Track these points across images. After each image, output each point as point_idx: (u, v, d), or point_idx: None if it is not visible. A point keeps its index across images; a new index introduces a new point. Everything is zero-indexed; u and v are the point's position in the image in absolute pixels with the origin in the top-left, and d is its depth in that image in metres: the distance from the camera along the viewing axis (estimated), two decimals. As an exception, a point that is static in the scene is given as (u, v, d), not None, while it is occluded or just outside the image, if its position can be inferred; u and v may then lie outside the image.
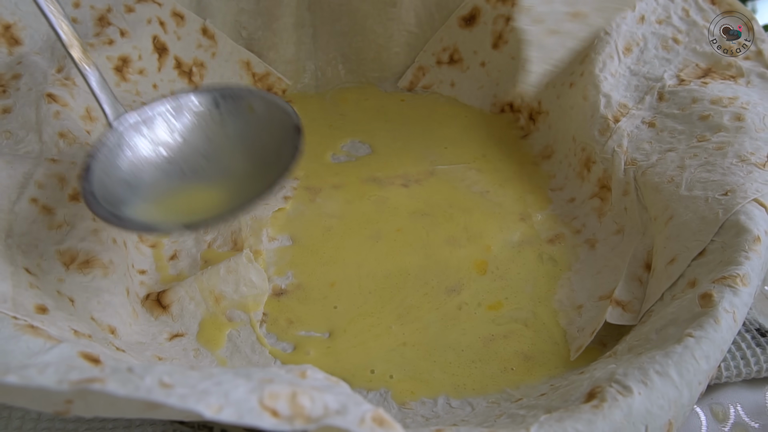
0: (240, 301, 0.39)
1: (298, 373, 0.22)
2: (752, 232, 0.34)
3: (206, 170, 0.38)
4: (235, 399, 0.19)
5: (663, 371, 0.27)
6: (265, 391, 0.19)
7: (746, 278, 0.32)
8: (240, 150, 0.39)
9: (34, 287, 0.30)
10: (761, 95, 0.44)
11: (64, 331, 0.29)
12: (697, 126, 0.43)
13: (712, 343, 0.29)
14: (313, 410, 0.19)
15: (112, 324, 0.34)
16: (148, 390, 0.18)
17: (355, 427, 0.19)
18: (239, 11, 0.56)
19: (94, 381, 0.17)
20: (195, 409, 0.18)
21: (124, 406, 0.21)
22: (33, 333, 0.26)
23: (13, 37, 0.45)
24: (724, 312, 0.30)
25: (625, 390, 0.27)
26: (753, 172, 0.38)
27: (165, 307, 0.38)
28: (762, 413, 0.38)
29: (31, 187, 0.35)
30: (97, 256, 0.36)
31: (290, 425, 0.19)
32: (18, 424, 0.34)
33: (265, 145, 0.39)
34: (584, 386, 0.29)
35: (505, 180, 0.51)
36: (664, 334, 0.32)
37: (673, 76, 0.47)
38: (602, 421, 0.25)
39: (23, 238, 0.33)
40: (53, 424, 0.35)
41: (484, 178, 0.51)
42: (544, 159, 0.53)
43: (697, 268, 0.35)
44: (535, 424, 0.25)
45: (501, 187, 0.51)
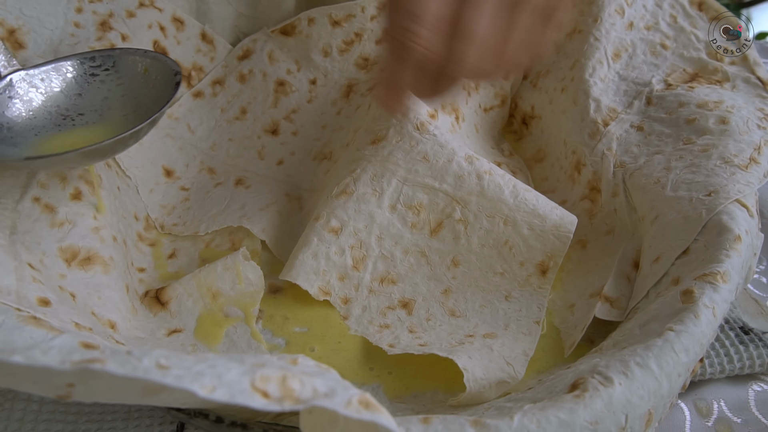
0: (237, 298, 0.40)
1: (290, 361, 0.23)
2: (733, 232, 0.35)
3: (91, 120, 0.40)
4: (228, 381, 0.20)
5: (643, 363, 0.28)
6: (256, 374, 0.20)
7: (726, 275, 0.33)
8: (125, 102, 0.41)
9: (37, 281, 0.31)
10: (746, 99, 0.45)
11: (66, 323, 0.30)
12: (684, 129, 0.44)
13: (692, 337, 0.30)
14: (302, 392, 0.20)
15: (112, 319, 0.35)
16: (146, 370, 0.19)
17: (342, 409, 0.20)
18: (238, 16, 0.57)
19: (94, 361, 0.18)
20: (189, 388, 0.19)
21: (123, 390, 0.22)
22: (36, 324, 0.27)
23: (17, 41, 0.46)
24: (704, 307, 0.31)
25: (607, 381, 0.28)
26: (736, 173, 0.39)
27: (164, 304, 0.39)
28: (745, 409, 0.39)
29: (33, 186, 0.36)
30: (98, 253, 0.37)
31: (280, 406, 0.20)
32: (20, 416, 0.35)
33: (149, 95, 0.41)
34: (568, 378, 0.30)
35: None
36: (647, 329, 0.33)
37: (661, 80, 0.49)
38: (583, 409, 0.26)
39: (26, 235, 0.34)
40: (54, 416, 0.36)
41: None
42: (536, 162, 0.54)
43: (680, 267, 0.36)
44: (519, 413, 0.26)
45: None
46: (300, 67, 0.56)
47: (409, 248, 0.42)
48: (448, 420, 0.26)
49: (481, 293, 0.41)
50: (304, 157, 0.52)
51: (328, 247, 0.41)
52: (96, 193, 0.38)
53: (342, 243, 0.42)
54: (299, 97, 0.55)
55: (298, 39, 0.56)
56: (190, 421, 0.29)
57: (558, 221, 0.42)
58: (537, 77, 0.57)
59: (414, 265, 0.42)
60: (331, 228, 0.42)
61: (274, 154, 0.52)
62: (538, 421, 0.26)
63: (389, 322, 0.40)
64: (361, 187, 0.43)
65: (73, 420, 0.36)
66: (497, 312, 0.40)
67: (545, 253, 0.41)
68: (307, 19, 0.56)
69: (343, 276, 0.41)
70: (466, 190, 0.42)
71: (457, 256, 0.42)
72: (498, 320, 0.40)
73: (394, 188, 0.43)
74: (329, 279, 0.41)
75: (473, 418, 0.26)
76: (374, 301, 0.41)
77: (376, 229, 0.42)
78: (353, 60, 0.56)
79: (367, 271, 0.42)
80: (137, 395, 0.22)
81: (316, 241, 0.41)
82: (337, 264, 0.41)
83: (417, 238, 0.42)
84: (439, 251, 0.42)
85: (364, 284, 0.41)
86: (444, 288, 0.41)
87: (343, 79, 0.55)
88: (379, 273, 0.42)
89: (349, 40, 0.57)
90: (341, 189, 0.43)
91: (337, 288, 0.41)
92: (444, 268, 0.42)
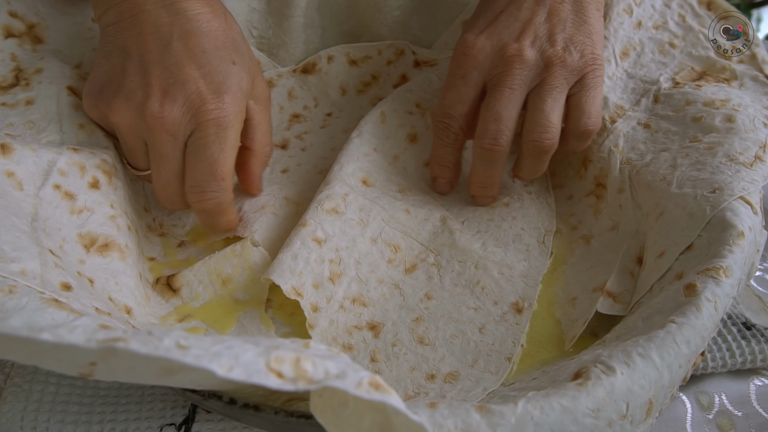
0: (246, 284, 0.41)
1: (302, 344, 0.24)
2: (737, 228, 0.36)
3: None
4: (245, 361, 0.20)
5: (645, 353, 0.29)
6: (271, 356, 0.21)
7: (729, 270, 0.33)
8: None
9: (59, 267, 0.32)
10: (753, 97, 0.46)
11: (87, 307, 0.31)
12: (690, 127, 0.45)
13: (693, 330, 0.30)
14: (315, 374, 0.21)
15: (128, 304, 0.36)
16: (167, 350, 0.20)
17: (353, 389, 0.21)
18: (250, 11, 0.57)
19: (118, 340, 0.19)
20: (209, 367, 0.20)
21: (142, 370, 0.23)
22: (57, 306, 0.28)
23: (36, 35, 0.47)
24: (706, 301, 0.32)
25: (609, 370, 0.28)
26: (741, 171, 0.39)
27: (175, 291, 0.40)
28: (745, 402, 0.39)
29: (54, 174, 0.37)
30: (115, 240, 0.38)
31: (293, 386, 0.21)
32: (38, 397, 0.36)
33: None
34: (572, 368, 0.30)
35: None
36: (650, 322, 0.33)
37: (669, 79, 0.49)
38: (586, 397, 0.27)
39: (48, 221, 0.35)
40: (70, 398, 0.37)
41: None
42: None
43: (684, 262, 0.37)
44: (523, 399, 0.27)
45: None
46: (318, 103, 0.59)
47: (384, 279, 0.42)
48: (454, 405, 0.27)
49: (453, 323, 0.40)
50: (310, 169, 0.53)
51: (308, 253, 0.41)
52: (112, 183, 0.39)
53: (323, 254, 0.42)
54: (313, 124, 0.58)
55: (318, 76, 0.60)
56: (204, 402, 0.29)
57: (525, 271, 0.43)
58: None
59: (387, 294, 0.42)
60: (315, 237, 0.42)
61: (279, 164, 0.53)
62: (541, 408, 0.26)
63: (353, 343, 0.39)
64: (350, 213, 0.44)
65: (89, 402, 0.37)
66: (468, 344, 0.39)
67: (518, 294, 0.42)
68: (327, 56, 0.60)
69: (317, 284, 0.41)
70: (439, 243, 0.45)
71: (430, 291, 0.42)
72: (467, 354, 0.38)
73: (377, 224, 0.45)
74: (304, 282, 0.40)
75: (479, 404, 0.27)
76: (343, 317, 0.40)
77: (356, 253, 0.43)
78: (369, 99, 0.60)
79: (341, 287, 0.41)
80: (155, 375, 0.23)
81: (299, 245, 0.41)
82: (315, 271, 0.41)
83: (392, 273, 0.43)
84: (413, 286, 0.42)
85: (336, 299, 0.41)
86: (416, 316, 0.41)
87: (358, 114, 0.56)
88: (352, 293, 0.41)
89: (366, 81, 0.61)
90: (332, 207, 0.44)
91: (310, 293, 0.40)
92: (417, 299, 0.42)
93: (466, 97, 0.45)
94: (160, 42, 0.39)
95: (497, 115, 0.43)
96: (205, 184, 0.40)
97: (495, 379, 0.37)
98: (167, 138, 0.39)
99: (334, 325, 0.40)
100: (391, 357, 0.38)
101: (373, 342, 0.39)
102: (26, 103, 0.42)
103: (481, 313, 0.41)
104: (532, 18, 0.45)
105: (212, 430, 0.37)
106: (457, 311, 0.41)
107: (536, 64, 0.44)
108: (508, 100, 0.43)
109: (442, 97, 0.47)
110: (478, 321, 0.40)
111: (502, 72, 0.44)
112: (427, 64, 0.60)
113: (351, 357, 0.38)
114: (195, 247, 0.45)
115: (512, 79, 0.43)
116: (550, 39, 0.44)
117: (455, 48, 0.46)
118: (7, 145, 0.36)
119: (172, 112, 0.38)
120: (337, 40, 0.61)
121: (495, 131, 0.43)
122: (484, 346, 0.39)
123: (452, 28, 0.60)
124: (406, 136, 0.51)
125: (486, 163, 0.45)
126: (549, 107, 0.43)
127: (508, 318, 0.41)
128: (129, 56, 0.39)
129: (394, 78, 0.60)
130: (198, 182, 0.40)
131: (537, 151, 0.44)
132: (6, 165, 0.35)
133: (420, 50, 0.61)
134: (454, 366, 0.38)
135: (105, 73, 0.40)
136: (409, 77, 0.60)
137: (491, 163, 0.45)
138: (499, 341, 0.39)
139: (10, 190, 0.35)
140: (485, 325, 0.40)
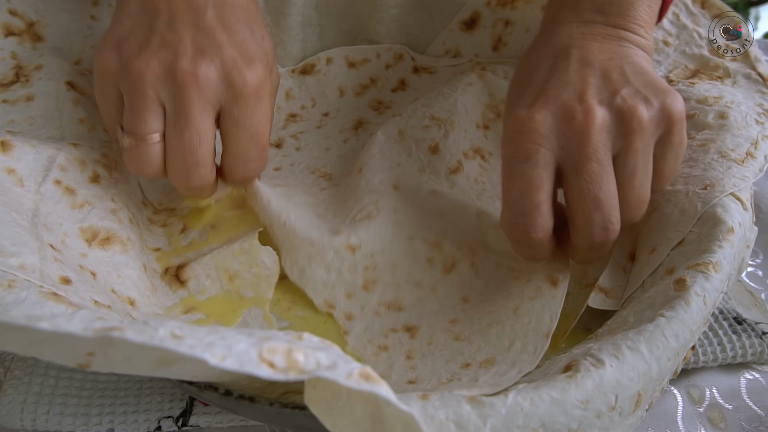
0: (252, 281, 0.42)
1: (296, 336, 0.25)
2: (727, 224, 0.36)
3: None
4: (237, 351, 0.21)
5: (634, 346, 0.30)
6: (264, 346, 0.22)
7: (718, 265, 0.34)
8: None
9: (58, 261, 0.33)
10: (745, 95, 0.46)
11: (85, 300, 0.31)
12: (684, 125, 0.45)
13: (682, 323, 0.31)
14: (306, 364, 0.22)
15: (132, 296, 0.37)
16: (161, 339, 0.20)
17: (343, 380, 0.21)
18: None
19: (114, 329, 0.20)
20: (201, 356, 0.20)
21: (139, 361, 0.23)
22: (56, 300, 0.28)
23: (36, 33, 0.47)
24: (695, 295, 0.32)
25: (598, 362, 0.29)
26: (732, 167, 0.40)
27: (183, 282, 0.41)
28: (736, 396, 0.40)
29: (54, 169, 0.37)
30: (117, 233, 0.38)
31: (285, 376, 0.21)
32: (37, 389, 0.37)
33: None
34: (563, 361, 0.31)
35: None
36: (641, 316, 0.34)
37: (663, 77, 0.49)
38: (575, 389, 0.28)
39: (49, 217, 0.35)
40: (69, 390, 0.37)
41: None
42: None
43: (675, 257, 0.37)
44: (513, 391, 0.27)
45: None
46: (315, 103, 0.59)
47: (422, 281, 0.42)
48: (445, 397, 0.27)
49: (488, 315, 0.39)
50: (303, 169, 0.52)
51: (341, 264, 0.41)
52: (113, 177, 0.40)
53: (356, 261, 0.42)
54: (309, 124, 0.57)
55: (317, 77, 0.60)
56: (200, 394, 0.30)
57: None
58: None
59: (423, 299, 0.41)
60: (349, 245, 0.42)
61: (273, 162, 0.53)
62: (531, 399, 0.27)
63: (389, 344, 0.39)
64: (384, 215, 0.44)
65: (87, 395, 0.37)
66: (503, 330, 0.37)
67: (551, 268, 0.40)
68: (326, 58, 0.61)
69: (351, 294, 0.41)
70: (475, 242, 0.43)
71: (466, 294, 0.41)
72: (503, 339, 0.37)
73: (413, 223, 0.44)
74: (336, 294, 0.41)
75: (470, 395, 0.27)
76: (378, 322, 0.40)
77: (393, 255, 0.42)
78: (367, 102, 0.59)
79: (375, 294, 0.41)
80: (151, 366, 0.24)
81: (332, 255, 0.41)
82: (347, 281, 0.41)
83: (430, 273, 0.42)
84: (450, 289, 0.42)
85: (370, 306, 0.41)
86: (452, 318, 0.40)
87: (355, 115, 0.56)
88: (387, 299, 0.41)
89: (365, 84, 0.61)
90: (365, 214, 0.43)
91: (343, 304, 0.41)
92: (454, 303, 0.41)
93: (539, 182, 0.36)
94: (193, 6, 0.37)
95: (596, 200, 0.35)
96: (247, 155, 0.40)
97: (532, 359, 0.35)
98: (198, 98, 0.37)
99: (369, 329, 0.40)
100: (427, 354, 0.38)
101: (409, 343, 0.39)
102: (26, 100, 0.42)
103: (515, 294, 0.39)
104: (585, 79, 0.37)
105: (209, 423, 0.37)
106: (491, 303, 0.40)
107: (614, 123, 0.35)
108: (600, 177, 0.35)
109: (507, 190, 0.37)
110: (512, 303, 0.39)
111: (577, 143, 0.35)
112: (426, 71, 0.61)
113: (386, 356, 0.38)
114: (196, 230, 0.45)
115: (594, 149, 0.35)
116: (615, 95, 0.36)
117: (506, 130, 0.38)
118: (7, 142, 0.36)
119: (209, 73, 0.37)
120: (334, 38, 0.62)
121: (602, 219, 0.35)
122: (520, 327, 0.37)
123: (450, 28, 0.61)
124: (427, 149, 0.51)
125: (599, 252, 0.38)
126: (638, 182, 0.36)
127: (544, 292, 0.38)
128: (158, 15, 0.37)
129: (392, 82, 0.61)
130: (240, 154, 0.39)
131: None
132: (6, 162, 0.36)
133: (419, 56, 0.62)
134: (491, 353, 0.36)
135: (128, 28, 0.38)
136: (408, 83, 0.60)
137: (604, 249, 0.38)
138: (536, 318, 0.37)
139: (11, 186, 0.35)
140: (519, 306, 0.38)
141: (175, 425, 0.37)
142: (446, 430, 0.26)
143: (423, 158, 0.50)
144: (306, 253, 0.42)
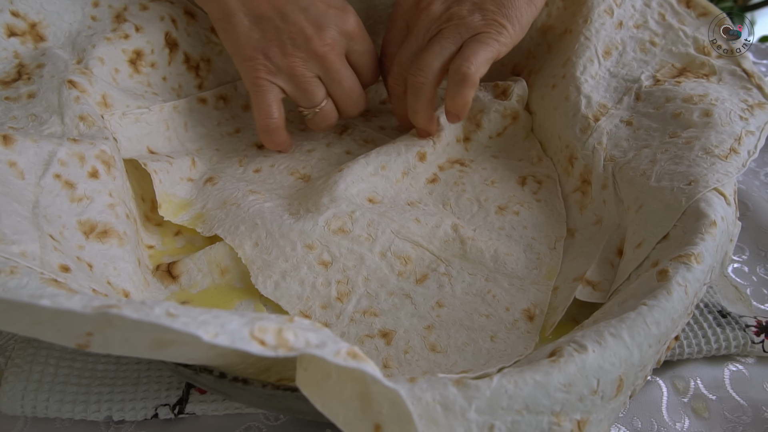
0: (243, 275, 0.43)
1: (287, 318, 0.25)
2: (710, 217, 0.37)
3: None
4: (230, 329, 0.22)
5: (616, 333, 0.30)
6: (255, 325, 0.22)
7: (700, 257, 0.35)
8: None
9: (58, 250, 0.34)
10: (730, 91, 0.47)
11: (84, 288, 0.32)
12: (670, 123, 0.46)
13: (663, 312, 0.32)
14: (296, 343, 0.23)
15: (126, 288, 0.37)
16: (157, 317, 0.21)
17: (331, 357, 0.22)
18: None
19: (112, 307, 0.21)
20: (195, 332, 0.21)
21: (136, 342, 0.24)
22: (56, 286, 0.29)
23: (38, 33, 0.49)
24: (677, 285, 0.33)
25: (581, 348, 0.30)
26: (716, 163, 0.41)
27: (175, 277, 0.42)
28: (720, 387, 0.41)
29: (54, 164, 0.38)
30: (114, 227, 0.39)
31: (274, 353, 0.22)
32: (37, 377, 0.38)
33: None
34: (548, 349, 0.32)
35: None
36: (624, 306, 0.34)
37: (650, 76, 0.50)
38: (558, 372, 0.28)
39: (48, 209, 0.36)
40: (69, 378, 0.38)
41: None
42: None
43: (660, 251, 0.38)
44: (498, 374, 0.28)
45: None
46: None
47: (394, 291, 0.43)
48: (432, 380, 0.28)
49: (465, 331, 0.40)
50: (283, 170, 0.53)
51: (315, 278, 0.42)
52: (110, 173, 0.41)
53: (330, 276, 0.43)
54: (294, 126, 0.58)
55: None
56: (195, 377, 0.31)
57: (536, 278, 0.44)
58: (529, 75, 0.59)
59: (398, 304, 0.42)
60: (322, 260, 0.43)
61: (253, 163, 0.54)
62: (515, 382, 0.28)
63: (365, 351, 0.39)
64: (357, 230, 0.45)
65: (86, 383, 0.38)
66: (480, 351, 0.39)
67: (530, 301, 0.42)
68: None
69: (325, 305, 0.42)
70: (450, 253, 0.45)
71: (441, 299, 0.42)
72: (479, 358, 0.39)
73: (386, 237, 0.45)
74: (311, 305, 0.42)
75: (456, 377, 0.28)
76: (354, 328, 0.41)
77: (365, 270, 0.43)
78: None
79: (350, 304, 0.42)
80: (148, 348, 0.25)
81: (306, 270, 0.43)
82: (322, 294, 0.42)
83: (402, 284, 0.43)
84: (424, 295, 0.43)
85: (345, 314, 0.41)
86: (427, 324, 0.41)
87: (341, 119, 0.56)
88: (362, 307, 0.42)
89: None
90: (339, 226, 0.44)
91: (318, 314, 0.41)
92: (428, 307, 0.42)
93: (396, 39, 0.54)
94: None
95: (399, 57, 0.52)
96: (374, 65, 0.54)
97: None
98: (336, 58, 0.50)
99: (346, 336, 0.40)
100: (404, 363, 0.39)
101: (386, 349, 0.40)
102: (28, 97, 0.43)
103: (493, 320, 0.41)
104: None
105: (205, 410, 0.38)
106: (468, 319, 0.41)
107: (439, 18, 0.49)
108: (408, 44, 0.51)
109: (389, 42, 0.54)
110: (489, 329, 0.40)
111: (413, 21, 0.51)
112: None
113: None
114: (191, 235, 0.46)
115: (417, 28, 0.50)
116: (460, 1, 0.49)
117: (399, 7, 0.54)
118: (9, 136, 0.37)
119: (332, 35, 0.49)
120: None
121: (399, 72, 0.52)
122: (495, 352, 0.39)
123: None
124: (416, 154, 0.52)
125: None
126: (433, 52, 0.48)
127: (520, 325, 0.41)
128: (271, 19, 0.48)
129: (382, 92, 0.62)
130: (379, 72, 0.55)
131: (413, 88, 0.50)
132: (8, 155, 0.37)
133: None
134: (466, 368, 0.38)
135: (259, 39, 0.48)
136: None
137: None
138: (511, 347, 0.40)
139: (12, 179, 0.36)
140: (497, 333, 0.40)
141: (171, 413, 0.38)
142: (433, 411, 0.27)
143: (410, 161, 0.52)
144: (280, 269, 0.43)
